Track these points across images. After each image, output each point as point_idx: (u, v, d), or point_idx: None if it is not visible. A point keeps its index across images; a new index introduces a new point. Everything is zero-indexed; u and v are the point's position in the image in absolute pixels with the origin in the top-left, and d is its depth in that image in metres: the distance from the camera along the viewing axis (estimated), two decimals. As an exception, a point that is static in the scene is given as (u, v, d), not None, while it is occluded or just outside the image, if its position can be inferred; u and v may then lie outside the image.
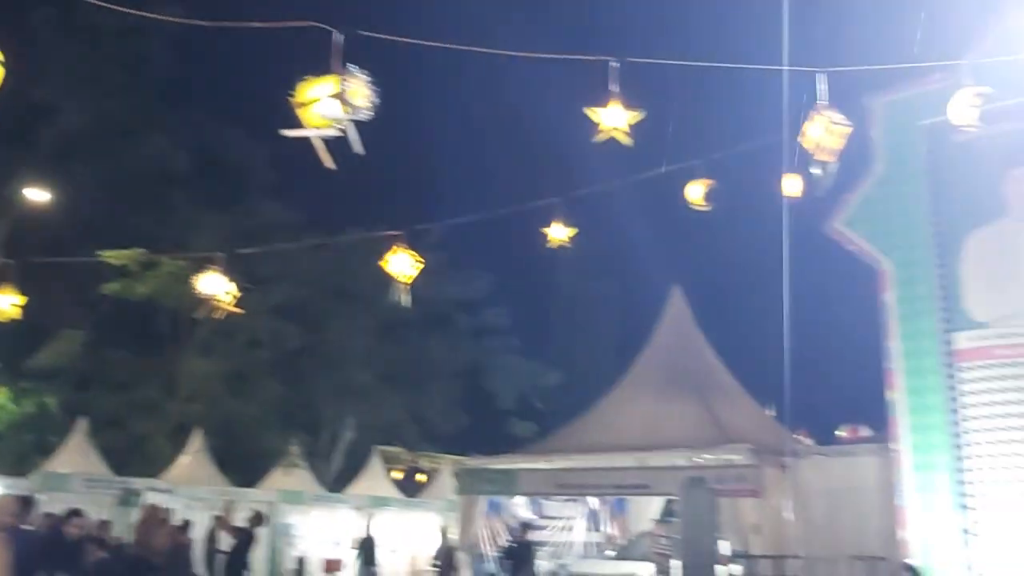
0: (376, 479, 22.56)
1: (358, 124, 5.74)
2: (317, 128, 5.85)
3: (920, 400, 11.02)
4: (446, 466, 21.31)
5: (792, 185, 10.60)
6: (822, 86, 7.52)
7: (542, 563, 15.71)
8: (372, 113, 5.63)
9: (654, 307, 17.57)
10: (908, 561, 10.39)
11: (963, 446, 10.63)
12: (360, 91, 5.58)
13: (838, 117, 7.39)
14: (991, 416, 10.54)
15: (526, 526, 14.00)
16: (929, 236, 11.33)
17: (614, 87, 6.96)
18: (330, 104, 5.70)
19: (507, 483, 15.12)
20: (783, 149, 9.56)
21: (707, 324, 17.04)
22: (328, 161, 5.96)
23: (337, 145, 5.94)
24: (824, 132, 7.43)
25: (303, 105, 5.87)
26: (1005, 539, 10.15)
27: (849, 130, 7.41)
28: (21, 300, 10.71)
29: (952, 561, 10.40)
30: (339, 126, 5.76)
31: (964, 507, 10.48)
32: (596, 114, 7.10)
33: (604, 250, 27.88)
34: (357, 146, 5.79)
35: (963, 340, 10.90)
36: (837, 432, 16.84)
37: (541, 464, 15.01)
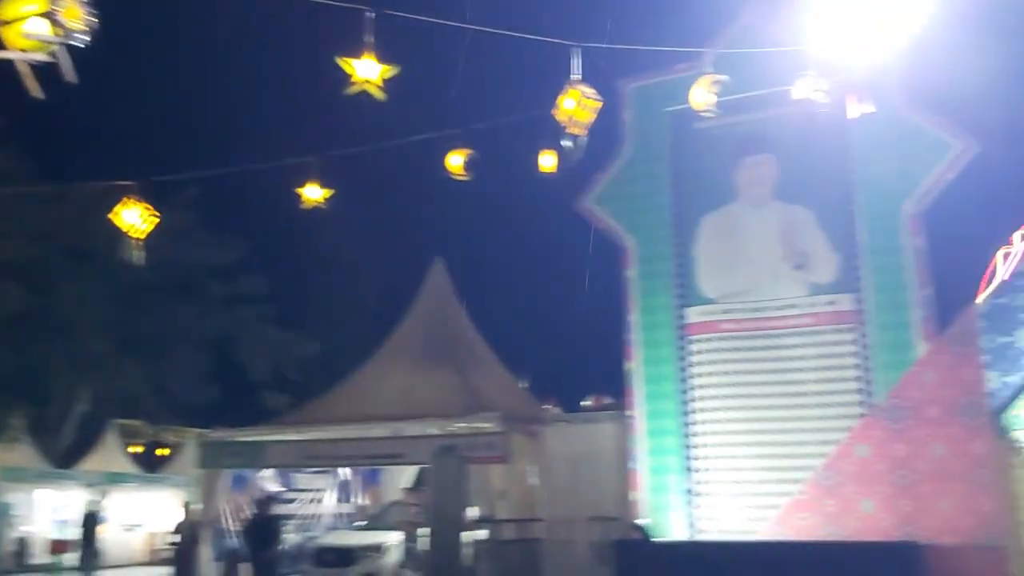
0: (111, 454, 21.17)
1: (73, 49, 5.08)
2: (24, 51, 5.13)
3: (655, 370, 11.77)
4: (191, 440, 20.18)
5: (548, 160, 10.83)
6: (576, 60, 7.67)
7: (289, 537, 15.25)
8: (87, 37, 4.99)
9: (416, 277, 17.51)
10: (638, 521, 11.07)
11: (691, 412, 11.48)
12: (73, 11, 4.93)
13: (590, 92, 7.59)
14: (716, 385, 11.46)
15: (271, 499, 13.47)
16: (669, 217, 12.09)
17: (368, 38, 6.71)
18: (38, 24, 5.01)
19: (254, 456, 14.54)
20: (543, 123, 9.75)
21: (468, 296, 17.23)
22: (35, 90, 5.23)
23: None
24: (576, 106, 7.62)
25: (7, 24, 5.13)
26: (723, 498, 11.07)
27: (599, 105, 7.64)
28: None
29: (677, 519, 11.22)
30: (51, 50, 5.08)
31: (689, 469, 11.33)
32: (349, 64, 6.82)
33: (368, 217, 27.36)
34: (69, 74, 5.12)
35: (694, 315, 11.76)
36: (583, 402, 17.63)
37: (291, 436, 14.57)
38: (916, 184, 10.78)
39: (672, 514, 11.25)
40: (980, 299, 9.82)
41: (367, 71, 6.84)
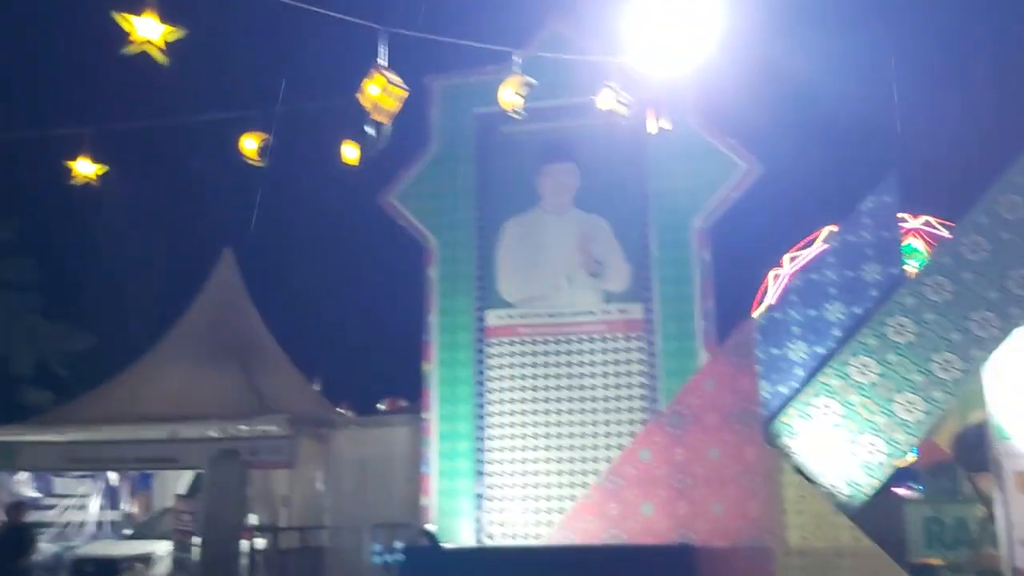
0: None
1: None
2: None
3: (451, 372, 11.62)
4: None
5: (351, 151, 10.42)
6: (383, 46, 7.37)
7: (45, 547, 13.79)
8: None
9: (203, 268, 16.43)
10: (426, 526, 10.84)
11: (485, 416, 11.40)
12: None
13: (395, 79, 7.33)
14: (511, 389, 11.45)
15: (23, 505, 12.09)
16: (472, 219, 12.01)
17: (149, -7, 6.10)
18: None
19: (6, 457, 13.09)
20: (347, 112, 9.36)
21: (258, 290, 16.35)
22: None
23: None
24: (381, 92, 7.33)
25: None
26: (513, 502, 11.05)
27: (405, 94, 7.38)
28: None
29: (465, 523, 11.08)
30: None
31: (481, 473, 11.23)
32: (128, 21, 6.16)
33: (153, 200, 25.43)
34: None
35: (493, 318, 11.72)
36: (379, 405, 17.23)
37: (51, 436, 13.22)
38: (705, 200, 11.30)
39: (462, 519, 11.11)
40: (756, 313, 10.38)
41: (148, 30, 6.21)
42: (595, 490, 9.42)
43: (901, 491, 16.45)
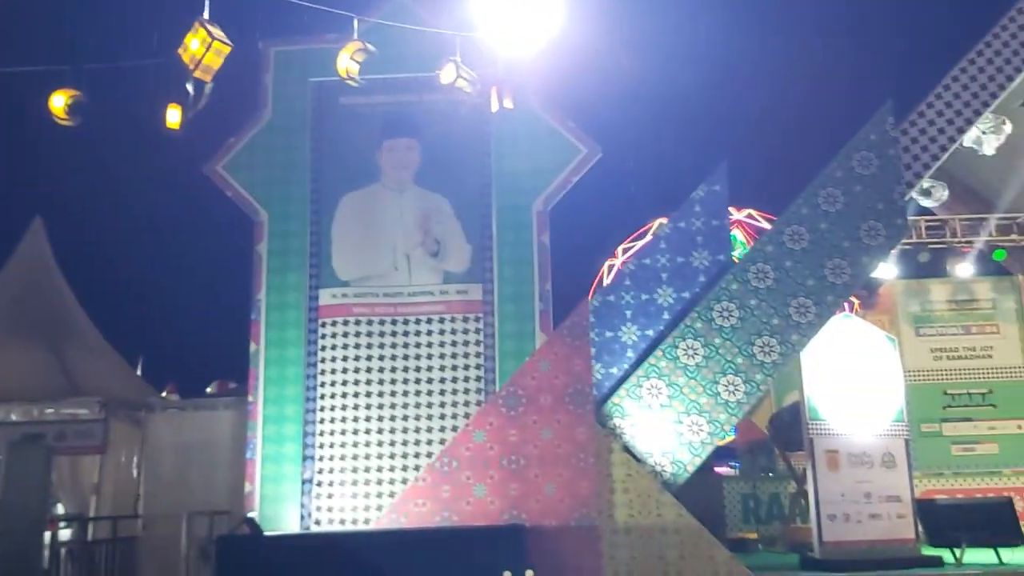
0: None
1: None
2: None
3: (280, 353, 11.12)
4: None
5: (174, 115, 9.77)
6: (207, -1, 6.87)
7: None
8: None
9: (10, 239, 15.00)
10: (249, 514, 10.35)
11: (315, 399, 10.99)
12: None
13: (219, 33, 6.86)
14: (344, 371, 11.08)
15: None
16: (307, 192, 11.52)
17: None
18: None
19: None
20: (170, 72, 8.73)
21: (72, 264, 15.09)
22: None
23: None
24: (203, 46, 6.84)
25: None
26: (343, 487, 10.72)
27: (228, 49, 6.93)
28: None
29: (292, 510, 10.66)
30: None
31: (309, 458, 10.82)
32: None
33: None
34: None
35: (327, 297, 11.29)
36: (208, 388, 16.36)
37: None
38: (546, 183, 11.32)
39: (288, 505, 10.67)
40: (592, 297, 10.53)
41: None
42: (427, 473, 9.29)
43: (721, 469, 17.29)
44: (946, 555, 10.25)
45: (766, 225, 20.26)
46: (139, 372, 16.10)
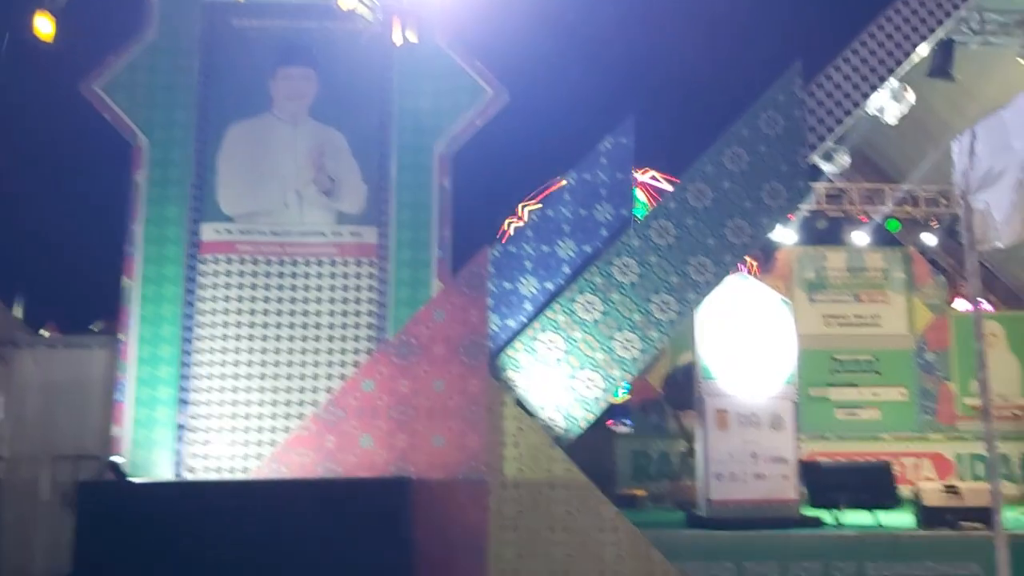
0: None
1: None
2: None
3: (156, 290, 10.39)
4: None
5: (45, 25, 8.90)
6: None
7: None
8: None
9: None
10: (114, 458, 9.72)
11: (193, 340, 10.34)
12: None
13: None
14: (226, 312, 10.45)
15: None
16: (192, 119, 10.69)
17: None
18: None
19: None
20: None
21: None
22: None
23: None
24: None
25: None
26: (220, 433, 10.18)
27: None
28: None
29: (165, 457, 10.07)
30: None
31: (185, 402, 10.21)
32: None
33: None
34: None
35: (209, 232, 10.58)
36: (92, 326, 15.41)
37: None
38: (449, 125, 10.82)
39: (160, 451, 10.06)
40: (493, 248, 10.21)
41: None
42: (312, 422, 8.88)
43: (614, 427, 17.40)
44: (826, 516, 10.47)
45: (668, 187, 20.32)
46: (19, 310, 15.08)
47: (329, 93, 10.85)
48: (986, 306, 16.44)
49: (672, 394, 13.13)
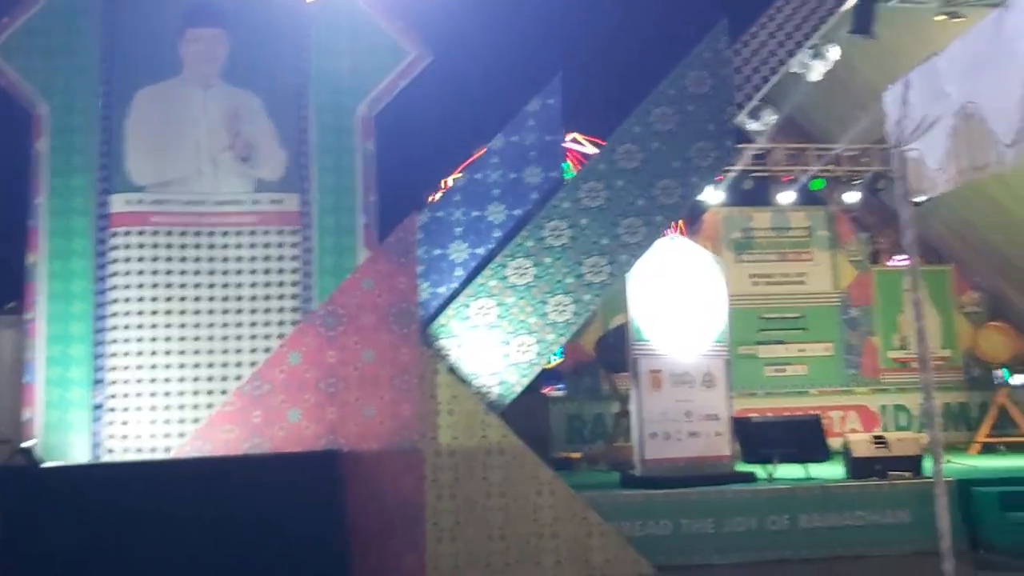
0: None
1: None
2: None
3: (65, 265, 9.84)
4: None
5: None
6: None
7: None
8: None
9: None
10: (24, 444, 9.23)
11: (106, 317, 9.85)
12: None
13: None
14: (140, 286, 9.96)
15: None
16: (96, 84, 10.09)
17: None
18: None
19: None
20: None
21: None
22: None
23: None
24: None
25: None
26: (140, 412, 9.75)
27: None
28: None
29: (81, 439, 9.60)
30: None
31: (100, 381, 9.74)
32: None
33: None
34: None
35: (119, 203, 10.04)
36: (9, 305, 14.66)
37: None
38: (371, 86, 10.47)
39: (76, 434, 9.59)
40: (421, 213, 9.95)
41: None
42: (237, 397, 8.55)
43: (547, 391, 17.38)
44: (759, 470, 10.60)
45: (592, 149, 20.22)
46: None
47: (242, 54, 10.35)
48: (904, 261, 16.85)
49: (605, 356, 13.10)
